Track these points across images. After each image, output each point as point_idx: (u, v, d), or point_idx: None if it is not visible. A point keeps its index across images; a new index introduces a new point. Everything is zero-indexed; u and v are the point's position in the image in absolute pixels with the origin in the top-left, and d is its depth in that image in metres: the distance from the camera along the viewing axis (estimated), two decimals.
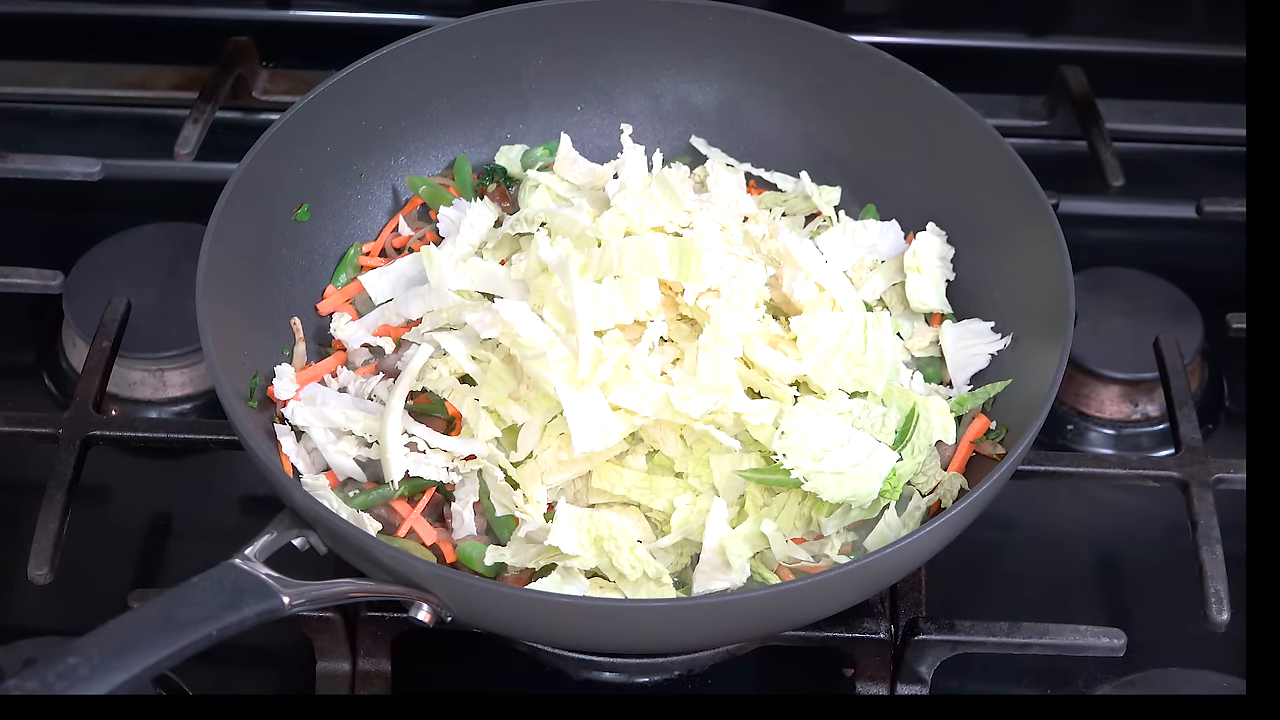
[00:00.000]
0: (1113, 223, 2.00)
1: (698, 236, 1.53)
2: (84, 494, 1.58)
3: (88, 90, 2.07)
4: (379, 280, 1.63)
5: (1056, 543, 1.70)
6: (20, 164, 1.88)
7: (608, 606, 1.38)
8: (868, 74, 1.69)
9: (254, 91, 2.03)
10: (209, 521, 1.69)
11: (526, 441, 1.48)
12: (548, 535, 1.42)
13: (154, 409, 1.76)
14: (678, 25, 1.74)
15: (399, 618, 1.50)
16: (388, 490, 1.48)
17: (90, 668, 1.18)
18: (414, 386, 1.52)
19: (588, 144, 1.75)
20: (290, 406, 1.53)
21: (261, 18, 2.05)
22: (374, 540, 1.35)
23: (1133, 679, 1.54)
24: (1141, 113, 2.04)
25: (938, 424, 1.50)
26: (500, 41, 1.72)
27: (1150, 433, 1.78)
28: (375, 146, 1.70)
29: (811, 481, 1.43)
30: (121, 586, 1.54)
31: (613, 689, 1.55)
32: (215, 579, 1.27)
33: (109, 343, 1.68)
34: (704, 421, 1.46)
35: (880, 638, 1.50)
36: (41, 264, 1.79)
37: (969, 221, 1.64)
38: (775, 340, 1.52)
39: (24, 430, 1.63)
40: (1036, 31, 2.03)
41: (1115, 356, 1.78)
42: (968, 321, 1.61)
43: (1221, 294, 1.79)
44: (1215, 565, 1.54)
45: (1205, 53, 2.01)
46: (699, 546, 1.45)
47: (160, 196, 1.97)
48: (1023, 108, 2.04)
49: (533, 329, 1.46)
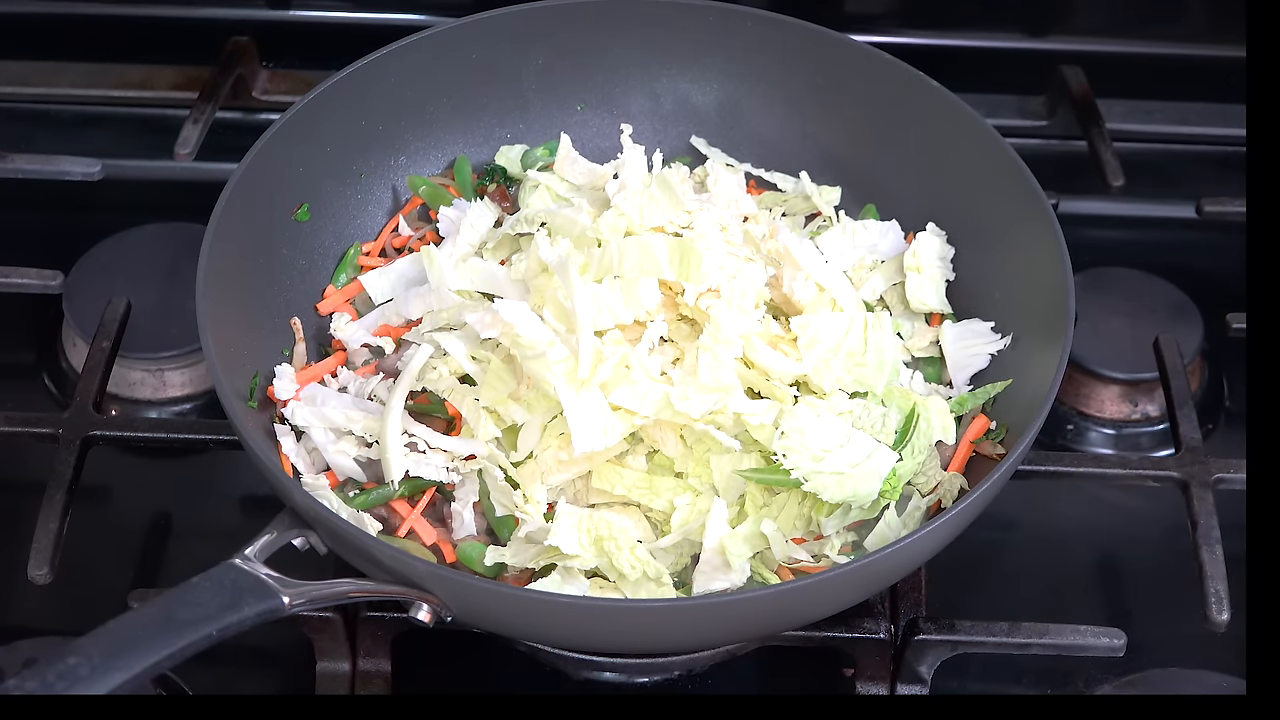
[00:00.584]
0: (1113, 223, 2.00)
1: (698, 237, 1.53)
2: (84, 494, 1.58)
3: (88, 90, 2.07)
4: (379, 280, 1.63)
5: (1056, 543, 1.70)
6: (20, 164, 1.88)
7: (608, 606, 1.38)
8: (868, 74, 1.69)
9: (254, 91, 2.03)
10: (209, 521, 1.69)
11: (526, 441, 1.48)
12: (548, 535, 1.42)
13: (154, 409, 1.76)
14: (678, 25, 1.74)
15: (399, 618, 1.50)
16: (388, 490, 1.48)
17: (90, 668, 1.18)
18: (414, 386, 1.52)
19: (588, 144, 1.75)
20: (290, 406, 1.53)
21: (261, 18, 2.05)
22: (374, 540, 1.35)
23: (1133, 679, 1.54)
24: (1141, 113, 2.03)
25: (938, 424, 1.50)
26: (500, 41, 1.72)
27: (1150, 433, 1.78)
28: (375, 146, 1.70)
29: (811, 482, 1.43)
30: (121, 586, 1.54)
31: (613, 689, 1.55)
32: (215, 579, 1.27)
33: (109, 343, 1.68)
34: (704, 421, 1.46)
35: (880, 638, 1.50)
36: (41, 264, 1.79)
37: (969, 221, 1.64)
38: (775, 340, 1.52)
39: (24, 430, 1.63)
40: (1036, 31, 2.03)
41: (1115, 356, 1.78)
42: (968, 321, 1.61)
43: (1221, 294, 1.79)
44: (1215, 565, 1.54)
45: (1205, 53, 2.01)
46: (699, 546, 1.45)
47: (160, 196, 1.97)
48: (1023, 108, 2.04)
49: (533, 329, 1.46)
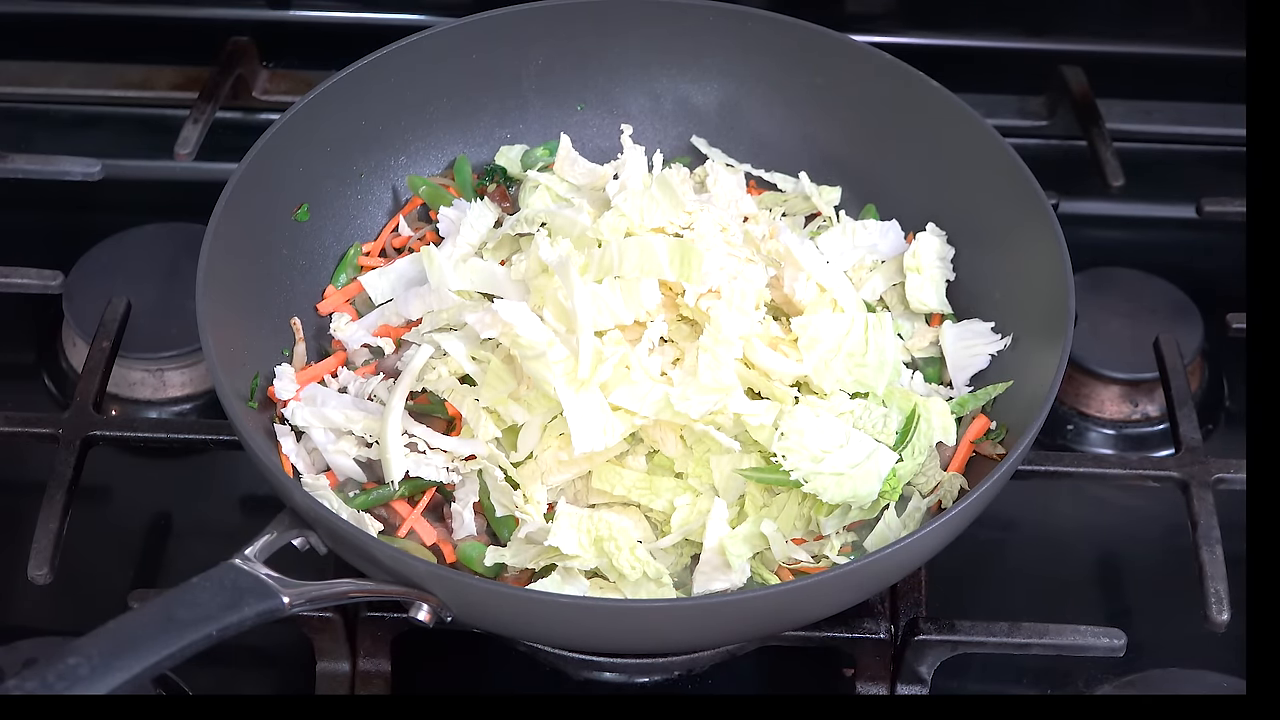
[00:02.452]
0: (1113, 223, 2.00)
1: (698, 237, 1.53)
2: (84, 494, 1.58)
3: (88, 90, 2.06)
4: (379, 280, 1.63)
5: (1056, 543, 1.70)
6: (20, 164, 1.88)
7: (608, 606, 1.38)
8: (868, 74, 1.69)
9: (254, 91, 2.03)
10: (209, 521, 1.69)
11: (526, 442, 1.48)
12: (548, 535, 1.42)
13: (154, 409, 1.76)
14: (678, 25, 1.74)
15: (399, 618, 1.50)
16: (388, 490, 1.48)
17: (90, 668, 1.18)
18: (414, 387, 1.52)
19: (588, 144, 1.75)
20: (290, 407, 1.53)
21: (261, 18, 2.05)
22: (374, 540, 1.35)
23: (1133, 679, 1.54)
24: (1141, 113, 2.03)
25: (938, 425, 1.50)
26: (500, 41, 1.72)
27: (1150, 433, 1.78)
28: (375, 146, 1.70)
29: (811, 482, 1.43)
30: (121, 586, 1.54)
31: (613, 689, 1.55)
32: (215, 579, 1.27)
33: (109, 343, 1.68)
34: (704, 422, 1.46)
35: (880, 638, 1.50)
36: (41, 264, 1.79)
37: (969, 221, 1.64)
38: (776, 341, 1.52)
39: (24, 430, 1.63)
40: (1036, 31, 2.03)
41: (1115, 356, 1.78)
42: (968, 322, 1.61)
43: (1221, 294, 1.79)
44: (1215, 565, 1.54)
45: (1205, 53, 2.01)
46: (699, 546, 1.45)
47: (160, 196, 1.97)
48: (1023, 108, 2.04)
49: (533, 329, 1.46)
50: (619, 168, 1.65)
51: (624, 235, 1.54)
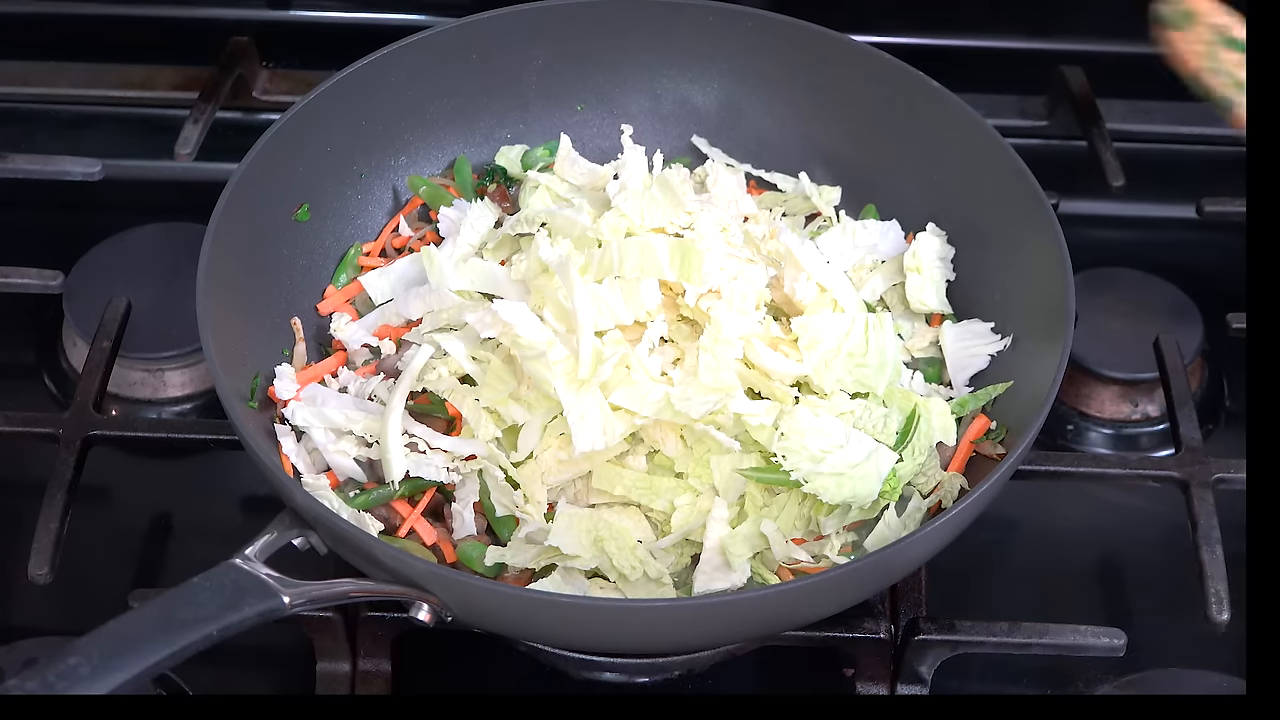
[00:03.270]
0: (1113, 223, 2.00)
1: (699, 237, 1.53)
2: (84, 494, 1.58)
3: (88, 90, 2.06)
4: (379, 280, 1.63)
5: (1056, 543, 1.70)
6: (20, 164, 1.88)
7: (608, 606, 1.38)
8: (868, 74, 1.69)
9: (254, 91, 2.03)
10: (209, 521, 1.69)
11: (527, 442, 1.48)
12: (548, 535, 1.42)
13: (154, 409, 1.76)
14: (678, 25, 1.74)
15: (399, 618, 1.50)
16: (388, 490, 1.48)
17: (90, 668, 1.18)
18: (414, 387, 1.52)
19: (588, 144, 1.75)
20: (291, 407, 1.53)
21: (261, 18, 2.05)
22: (374, 540, 1.35)
23: (1133, 679, 1.54)
24: (1141, 113, 2.03)
25: (938, 425, 1.51)
26: (500, 41, 1.72)
27: (1150, 433, 1.78)
28: (375, 146, 1.70)
29: (811, 483, 1.43)
30: (121, 586, 1.53)
31: (613, 689, 1.55)
32: (215, 579, 1.27)
33: (109, 343, 1.68)
34: (704, 422, 1.46)
35: (880, 638, 1.50)
36: (41, 264, 1.79)
37: (969, 221, 1.64)
38: (776, 341, 1.52)
39: (24, 430, 1.63)
40: (1036, 31, 2.03)
41: (1115, 356, 1.78)
42: (968, 322, 1.61)
43: (1221, 294, 1.78)
44: (1215, 565, 1.54)
45: None
46: (699, 546, 1.45)
47: (160, 196, 1.97)
48: (1023, 108, 2.04)
49: (533, 329, 1.46)
50: (619, 168, 1.65)
51: (624, 235, 1.54)
